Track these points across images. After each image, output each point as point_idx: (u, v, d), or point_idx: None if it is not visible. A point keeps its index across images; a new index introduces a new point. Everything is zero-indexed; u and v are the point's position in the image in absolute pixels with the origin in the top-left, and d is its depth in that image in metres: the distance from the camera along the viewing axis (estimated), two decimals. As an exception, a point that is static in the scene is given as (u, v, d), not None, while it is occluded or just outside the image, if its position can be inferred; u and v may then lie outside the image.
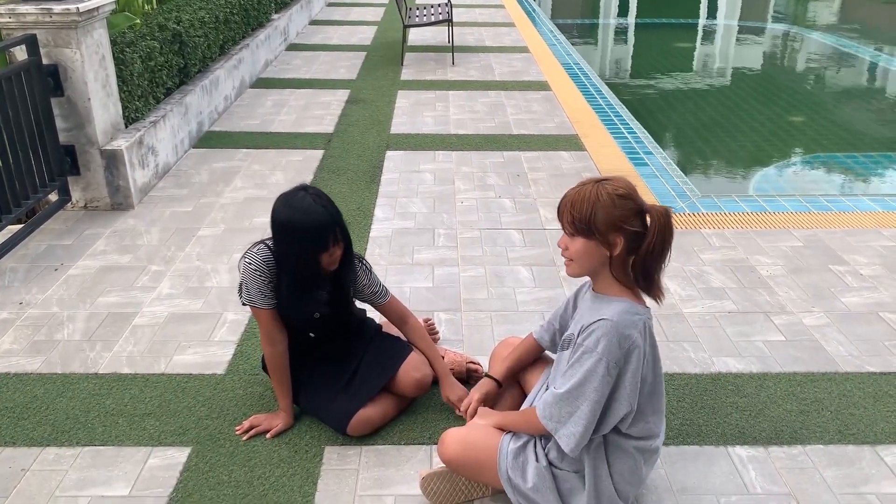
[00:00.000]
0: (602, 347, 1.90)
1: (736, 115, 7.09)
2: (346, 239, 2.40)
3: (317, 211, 2.29)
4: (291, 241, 2.33)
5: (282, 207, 2.33)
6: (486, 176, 4.88)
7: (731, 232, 4.08)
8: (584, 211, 1.91)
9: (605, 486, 2.03)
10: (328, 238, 2.32)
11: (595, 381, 1.91)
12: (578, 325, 2.02)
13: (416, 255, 3.80)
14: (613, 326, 1.90)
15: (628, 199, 1.91)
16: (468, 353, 2.97)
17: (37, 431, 2.54)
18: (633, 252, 1.95)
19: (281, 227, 2.33)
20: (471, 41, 9.19)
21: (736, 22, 13.13)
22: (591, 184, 1.94)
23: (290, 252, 2.35)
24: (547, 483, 2.04)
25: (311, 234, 2.29)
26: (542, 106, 6.46)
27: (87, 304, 3.32)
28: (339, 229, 2.35)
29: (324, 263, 2.36)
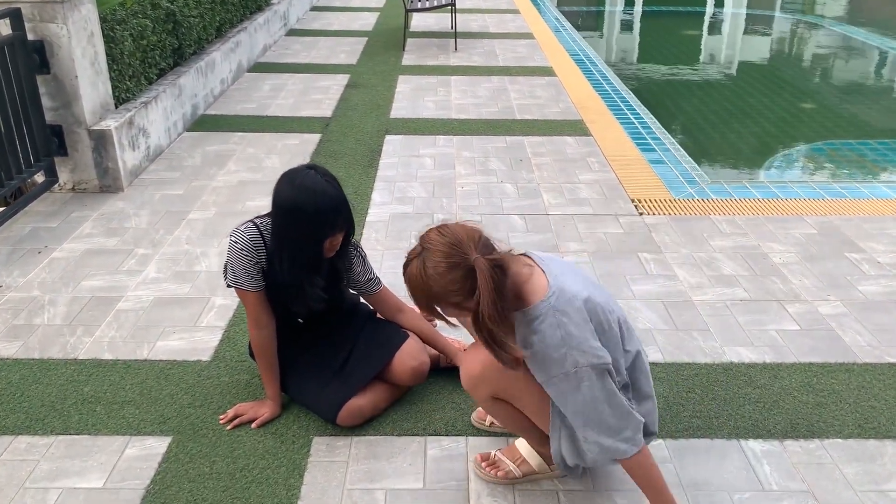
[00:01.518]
0: (569, 363, 1.75)
1: (745, 102, 6.92)
2: (350, 224, 2.26)
3: (327, 192, 2.14)
4: (297, 224, 2.15)
5: (287, 187, 2.15)
6: (487, 161, 4.73)
7: (742, 218, 3.92)
8: (423, 296, 1.77)
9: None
10: (337, 221, 2.17)
11: (589, 392, 1.77)
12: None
13: (413, 241, 3.65)
14: (560, 341, 1.74)
15: (451, 269, 1.71)
16: (466, 342, 2.83)
17: (9, 419, 2.41)
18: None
19: (286, 208, 2.15)
20: (474, 27, 9.02)
21: (744, 10, 12.92)
22: (416, 258, 1.76)
23: (293, 235, 2.17)
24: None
25: (321, 216, 2.13)
26: (547, 91, 6.30)
27: (70, 288, 3.18)
28: (347, 213, 2.21)
29: (325, 249, 2.21)
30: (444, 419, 2.42)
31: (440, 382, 2.58)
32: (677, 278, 3.31)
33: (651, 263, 3.44)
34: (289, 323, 2.44)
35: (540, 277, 1.82)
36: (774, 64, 8.86)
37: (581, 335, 1.76)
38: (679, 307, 3.09)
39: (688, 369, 2.69)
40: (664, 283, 3.27)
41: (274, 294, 2.32)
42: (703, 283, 3.28)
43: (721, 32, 10.91)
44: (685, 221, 3.88)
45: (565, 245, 3.60)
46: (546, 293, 1.78)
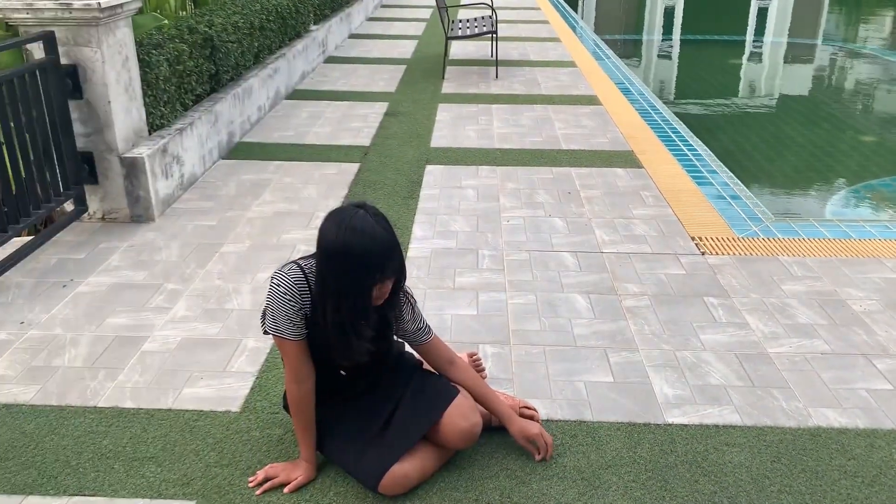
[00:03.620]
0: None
1: (800, 133, 6.61)
2: (402, 270, 2.03)
3: (377, 234, 1.91)
4: (343, 268, 1.92)
5: (333, 227, 1.92)
6: (534, 193, 4.49)
7: (814, 260, 3.62)
8: None
9: None
10: (387, 267, 1.94)
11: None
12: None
13: (458, 279, 3.41)
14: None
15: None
16: (519, 396, 2.56)
17: (20, 476, 2.19)
18: None
19: (332, 251, 1.92)
20: (515, 55, 8.83)
21: (785, 39, 12.62)
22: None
23: (338, 281, 1.94)
24: None
25: (369, 260, 1.90)
26: (593, 121, 6.06)
27: (94, 326, 2.98)
28: (399, 258, 1.98)
29: (373, 296, 1.99)
30: (497, 488, 2.15)
31: (493, 444, 2.32)
32: (749, 327, 3.02)
33: (719, 309, 3.15)
34: (329, 374, 2.20)
35: None
36: (826, 94, 8.53)
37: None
38: (754, 360, 2.79)
39: (770, 434, 2.39)
40: (735, 333, 2.98)
41: (316, 343, 2.08)
42: (778, 333, 2.98)
43: (765, 61, 10.61)
44: (751, 262, 3.59)
45: (623, 287, 3.32)
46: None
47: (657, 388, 2.62)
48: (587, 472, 2.22)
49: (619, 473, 2.21)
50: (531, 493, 2.14)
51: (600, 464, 2.25)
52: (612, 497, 2.12)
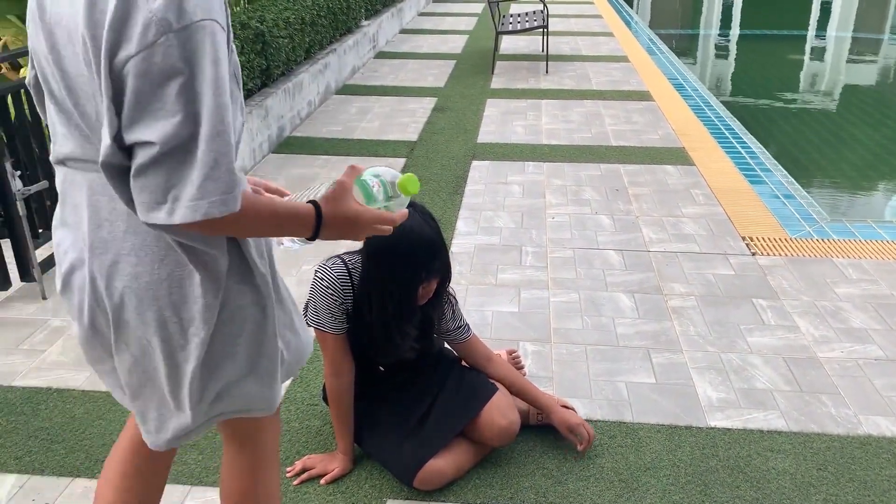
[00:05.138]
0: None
1: (860, 131, 6.38)
2: (447, 270, 2.03)
3: (424, 233, 1.93)
4: (388, 266, 1.94)
5: None
6: (580, 190, 4.44)
7: (870, 263, 3.50)
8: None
9: None
10: (433, 266, 1.95)
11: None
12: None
13: (500, 275, 3.40)
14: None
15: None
16: (559, 395, 2.54)
17: (68, 459, 2.26)
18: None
19: (377, 248, 1.95)
20: (566, 50, 8.74)
21: (850, 34, 12.20)
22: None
23: (383, 279, 1.96)
24: None
25: (415, 259, 1.92)
26: (644, 117, 5.96)
27: (143, 315, 3.06)
28: (445, 258, 1.99)
29: (418, 295, 1.99)
30: (533, 487, 2.13)
31: (529, 443, 2.30)
32: (799, 330, 2.93)
33: (768, 312, 3.07)
34: (369, 370, 2.21)
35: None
36: (891, 91, 8.22)
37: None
38: (803, 365, 2.71)
39: (818, 441, 2.32)
40: (784, 336, 2.89)
41: (357, 340, 2.10)
42: (830, 338, 2.88)
43: (827, 57, 10.28)
44: (804, 264, 3.48)
45: (669, 287, 3.26)
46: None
47: (700, 390, 2.57)
48: (625, 473, 2.19)
49: (657, 476, 2.18)
50: (567, 492, 2.11)
51: (639, 466, 2.22)
52: (650, 500, 2.09)
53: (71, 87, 1.16)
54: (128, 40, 1.05)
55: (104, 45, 1.06)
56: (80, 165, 1.23)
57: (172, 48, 1.05)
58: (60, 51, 1.15)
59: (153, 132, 1.07)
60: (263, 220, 1.20)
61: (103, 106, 1.09)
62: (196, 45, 1.06)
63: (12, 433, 2.37)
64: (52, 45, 1.16)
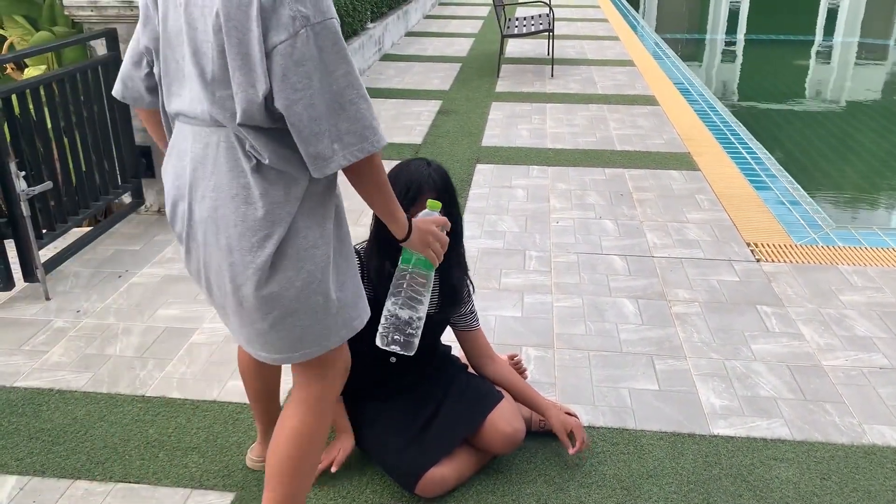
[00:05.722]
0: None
1: (867, 138, 6.36)
2: (451, 198, 2.05)
3: (420, 171, 1.98)
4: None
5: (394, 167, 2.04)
6: (585, 194, 4.43)
7: (875, 270, 3.48)
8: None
9: None
10: (419, 198, 1.95)
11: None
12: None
13: (503, 280, 3.39)
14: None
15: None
16: (561, 401, 2.53)
17: (69, 460, 2.26)
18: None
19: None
20: (571, 54, 8.74)
21: (857, 39, 12.18)
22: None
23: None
24: None
25: (401, 187, 1.94)
26: (650, 121, 5.95)
27: (146, 317, 3.06)
28: (440, 195, 1.98)
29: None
30: (535, 494, 2.12)
31: (531, 449, 2.29)
32: (803, 338, 2.92)
33: (772, 319, 3.05)
34: (379, 364, 2.18)
35: None
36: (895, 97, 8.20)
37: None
38: (807, 373, 2.70)
39: (821, 450, 2.31)
40: (788, 343, 2.88)
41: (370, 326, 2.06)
42: (834, 346, 2.87)
43: (833, 62, 10.26)
44: (809, 271, 3.47)
45: (673, 292, 3.25)
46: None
47: (704, 397, 2.56)
48: (627, 481, 2.18)
49: (659, 484, 2.16)
50: (569, 499, 2.10)
51: (641, 473, 2.21)
52: (651, 508, 2.08)
53: (196, 49, 1.46)
54: (276, 30, 1.38)
55: (256, 31, 1.37)
56: (187, 120, 1.55)
57: (310, 38, 1.38)
58: (194, 23, 1.45)
59: (297, 101, 1.41)
60: (383, 175, 1.55)
61: (254, 76, 1.40)
62: (327, 35, 1.40)
63: (14, 434, 2.37)
64: (188, 15, 1.45)
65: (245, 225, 1.50)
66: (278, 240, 1.50)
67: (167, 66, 1.54)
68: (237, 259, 1.52)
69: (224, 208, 1.51)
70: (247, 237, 1.50)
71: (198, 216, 1.55)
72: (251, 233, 1.50)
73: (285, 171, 1.50)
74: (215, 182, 1.51)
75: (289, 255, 1.52)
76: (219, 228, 1.52)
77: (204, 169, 1.52)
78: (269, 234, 1.49)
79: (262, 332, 1.59)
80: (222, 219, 1.51)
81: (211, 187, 1.51)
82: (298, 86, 1.40)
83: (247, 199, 1.49)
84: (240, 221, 1.50)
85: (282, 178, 1.50)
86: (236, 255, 1.52)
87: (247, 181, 1.49)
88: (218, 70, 1.44)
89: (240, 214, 1.50)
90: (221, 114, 1.47)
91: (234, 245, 1.51)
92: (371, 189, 1.55)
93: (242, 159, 1.49)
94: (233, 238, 1.51)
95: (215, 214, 1.52)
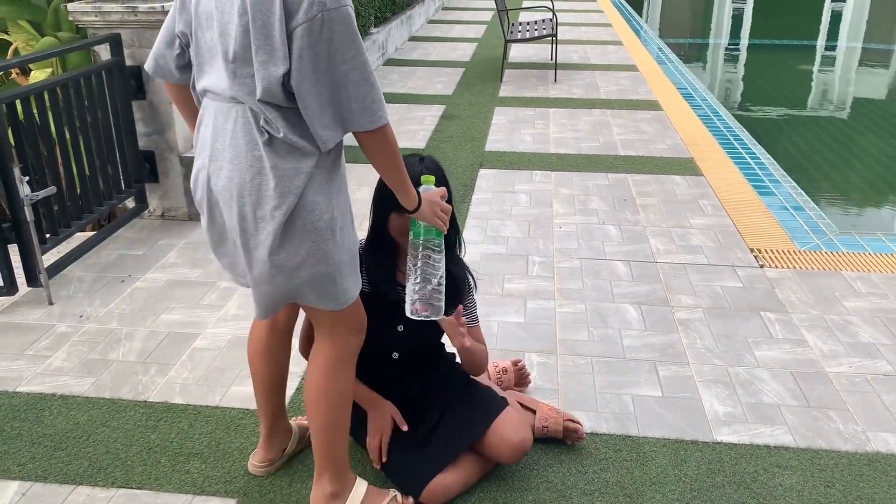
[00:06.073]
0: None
1: (871, 143, 6.35)
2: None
3: (412, 167, 1.96)
4: (376, 192, 2.06)
5: None
6: (588, 199, 4.42)
7: (879, 276, 3.47)
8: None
9: None
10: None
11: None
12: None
13: (506, 285, 3.38)
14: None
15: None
16: (562, 408, 2.52)
17: (71, 466, 2.26)
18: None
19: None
20: (575, 58, 8.74)
21: (860, 44, 12.17)
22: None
23: (373, 202, 2.08)
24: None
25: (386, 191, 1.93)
26: (653, 126, 5.94)
27: (149, 321, 3.06)
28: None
29: (392, 227, 2.00)
30: (537, 501, 2.12)
31: (534, 456, 2.28)
32: (807, 344, 2.91)
33: (776, 325, 3.04)
34: (382, 361, 2.17)
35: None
36: (902, 102, 8.18)
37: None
38: (811, 380, 2.69)
39: (825, 458, 2.30)
40: (792, 350, 2.87)
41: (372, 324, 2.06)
42: (838, 352, 2.86)
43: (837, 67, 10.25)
44: (812, 277, 3.46)
45: (676, 298, 3.24)
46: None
47: (707, 404, 2.55)
48: (630, 488, 2.17)
49: (662, 491, 2.16)
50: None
51: (644, 480, 2.20)
52: (654, 516, 2.07)
53: (223, 31, 1.60)
54: (296, 13, 1.52)
55: (279, 13, 1.51)
56: (211, 96, 1.69)
57: (325, 22, 1.53)
58: (222, 6, 1.60)
59: (308, 79, 1.56)
60: (395, 149, 1.70)
61: (275, 56, 1.55)
62: (340, 20, 1.54)
63: (16, 439, 2.37)
64: (217, 2, 1.60)
65: (259, 195, 1.64)
66: (287, 210, 1.64)
67: (199, 47, 1.70)
68: (250, 226, 1.67)
69: (239, 178, 1.65)
70: (260, 206, 1.65)
71: (215, 185, 1.70)
72: (264, 202, 1.64)
73: (296, 146, 1.64)
74: (232, 154, 1.66)
75: (297, 227, 1.66)
76: (232, 197, 1.67)
77: (223, 141, 1.67)
78: (279, 204, 1.63)
79: (267, 293, 1.77)
80: (237, 188, 1.66)
81: (228, 158, 1.66)
82: (309, 65, 1.55)
83: (260, 171, 1.64)
84: (254, 191, 1.65)
85: (292, 152, 1.64)
86: (249, 223, 1.67)
87: (260, 154, 1.63)
88: (240, 49, 1.58)
89: (255, 185, 1.64)
90: (241, 90, 1.61)
91: (247, 213, 1.66)
92: (385, 161, 1.70)
93: (256, 134, 1.63)
94: (246, 206, 1.66)
95: (230, 184, 1.66)
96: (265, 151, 1.63)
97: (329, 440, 1.94)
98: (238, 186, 1.66)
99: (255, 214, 1.66)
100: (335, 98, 1.60)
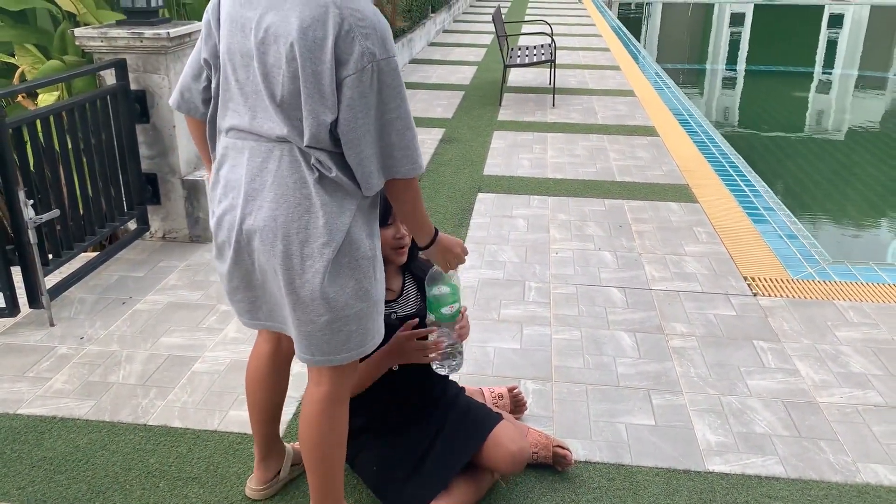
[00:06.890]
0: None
1: (866, 172, 6.42)
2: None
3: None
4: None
5: None
6: (584, 225, 4.48)
7: (871, 306, 3.51)
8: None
9: None
10: (388, 211, 2.02)
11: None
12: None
13: (503, 311, 3.42)
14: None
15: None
16: (556, 435, 2.56)
17: (70, 490, 2.28)
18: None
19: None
20: (573, 83, 8.84)
21: (856, 72, 12.31)
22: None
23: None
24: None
25: (382, 209, 2.00)
26: (649, 152, 6.01)
27: (149, 344, 3.10)
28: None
29: (387, 240, 2.05)
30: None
31: (527, 483, 2.31)
32: (799, 374, 2.95)
33: (768, 354, 3.08)
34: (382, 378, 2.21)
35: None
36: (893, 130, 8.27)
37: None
38: (802, 409, 2.72)
39: (816, 489, 2.33)
40: (784, 379, 2.91)
41: None
42: (830, 382, 2.90)
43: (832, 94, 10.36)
44: (805, 306, 3.50)
45: (671, 326, 3.29)
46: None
47: (699, 433, 2.58)
48: (622, 517, 2.20)
49: (655, 521, 2.19)
50: (564, 535, 2.12)
51: (636, 510, 2.23)
52: (646, 545, 2.10)
53: (266, 73, 1.61)
54: (347, 63, 1.56)
55: (329, 63, 1.55)
56: (241, 135, 1.70)
57: (375, 72, 1.58)
58: (266, 49, 1.60)
59: (356, 128, 1.60)
60: (419, 198, 1.77)
61: (325, 104, 1.58)
62: (389, 71, 1.60)
63: (16, 462, 2.39)
64: (261, 42, 1.60)
65: (307, 232, 1.66)
66: (336, 247, 1.67)
67: (227, 83, 1.70)
68: (296, 264, 1.67)
69: (285, 216, 1.66)
70: (308, 244, 1.66)
71: (250, 225, 1.69)
72: (312, 239, 1.66)
73: (344, 185, 1.67)
74: (276, 192, 1.66)
75: (343, 264, 1.69)
76: (276, 236, 1.67)
77: (262, 181, 1.68)
78: (328, 241, 1.66)
79: (310, 333, 1.74)
80: (282, 227, 1.66)
81: (270, 198, 1.66)
82: (359, 114, 1.60)
83: (309, 209, 1.65)
84: (302, 229, 1.66)
85: (340, 190, 1.68)
86: (295, 261, 1.67)
87: (308, 192, 1.65)
88: (288, 95, 1.60)
89: (303, 223, 1.66)
90: (291, 133, 1.64)
91: (293, 251, 1.66)
92: (407, 207, 1.77)
93: (306, 172, 1.65)
94: (293, 244, 1.66)
95: (274, 224, 1.66)
96: (314, 189, 1.65)
97: (326, 476, 1.92)
98: (284, 225, 1.66)
99: (301, 252, 1.66)
100: (381, 145, 1.64)
